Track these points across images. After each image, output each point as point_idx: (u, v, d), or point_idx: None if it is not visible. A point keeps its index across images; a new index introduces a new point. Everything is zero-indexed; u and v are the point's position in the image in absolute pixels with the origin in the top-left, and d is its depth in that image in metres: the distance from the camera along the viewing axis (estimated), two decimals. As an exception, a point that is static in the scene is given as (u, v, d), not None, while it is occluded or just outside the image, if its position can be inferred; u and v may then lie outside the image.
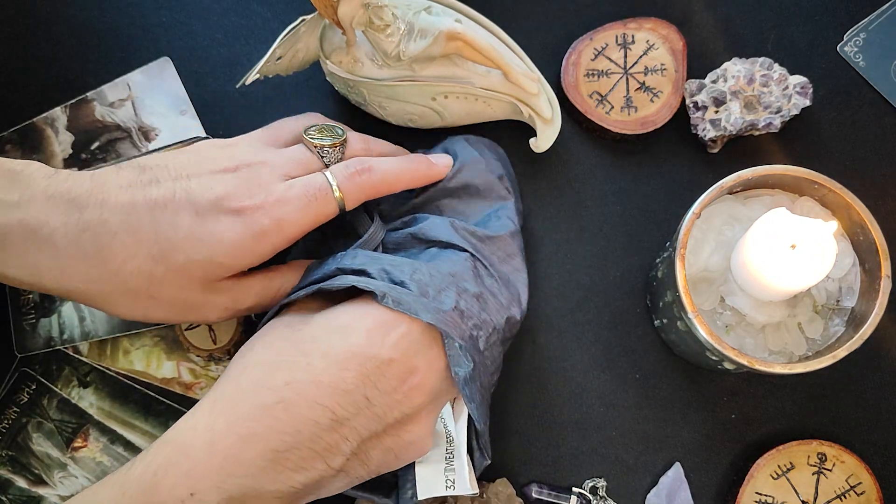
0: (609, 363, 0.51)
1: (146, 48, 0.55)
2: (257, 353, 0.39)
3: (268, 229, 0.40)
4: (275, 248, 0.41)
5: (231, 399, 0.36)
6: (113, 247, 0.38)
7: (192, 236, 0.38)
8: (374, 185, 0.43)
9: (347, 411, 0.37)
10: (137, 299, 0.39)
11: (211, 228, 0.39)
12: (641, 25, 0.53)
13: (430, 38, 0.47)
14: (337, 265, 0.42)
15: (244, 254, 0.40)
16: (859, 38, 0.54)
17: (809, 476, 0.48)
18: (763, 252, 0.41)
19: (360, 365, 0.37)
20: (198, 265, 0.39)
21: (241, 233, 0.39)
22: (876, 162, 0.53)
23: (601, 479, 0.50)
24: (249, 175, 0.41)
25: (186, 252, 0.38)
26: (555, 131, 0.51)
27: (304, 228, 0.42)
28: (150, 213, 0.38)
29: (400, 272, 0.41)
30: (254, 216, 0.40)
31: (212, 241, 0.39)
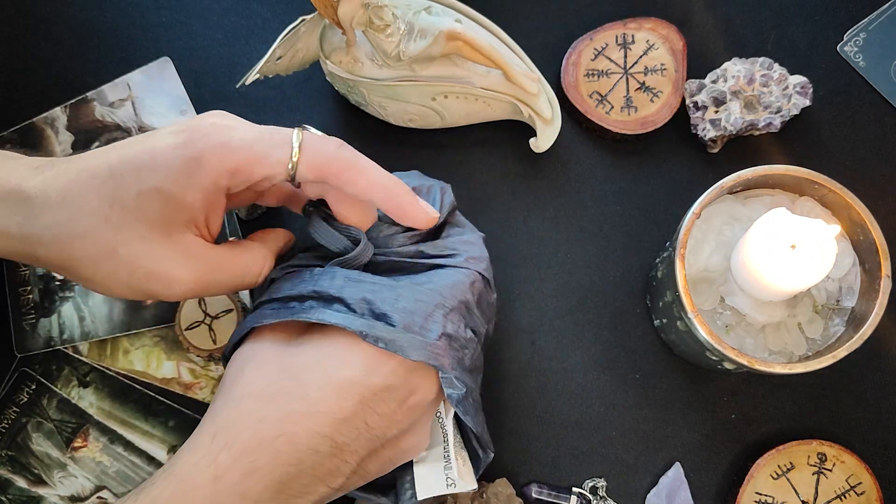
0: (609, 363, 0.51)
1: (146, 48, 0.55)
2: (251, 382, 0.37)
3: (204, 151, 0.37)
4: (216, 179, 0.38)
5: (231, 432, 0.36)
6: (72, 188, 0.37)
7: (135, 164, 0.37)
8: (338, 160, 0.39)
9: (347, 437, 0.36)
10: (97, 253, 0.37)
11: (150, 150, 0.37)
12: (641, 25, 0.53)
13: (430, 38, 0.47)
14: (314, 286, 0.39)
15: (186, 178, 0.37)
16: (859, 37, 0.54)
17: (809, 476, 0.48)
18: (763, 252, 0.41)
19: (358, 394, 0.37)
20: (147, 200, 0.37)
21: (175, 153, 0.37)
22: (876, 162, 0.53)
23: (601, 478, 0.50)
24: (221, 113, 0.40)
25: (133, 185, 0.37)
26: (555, 131, 0.51)
27: (246, 162, 0.38)
28: (107, 153, 0.38)
29: (382, 302, 0.38)
30: (192, 135, 0.37)
31: (151, 166, 0.37)
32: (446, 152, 0.53)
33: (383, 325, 0.38)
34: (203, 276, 0.39)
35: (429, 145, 0.53)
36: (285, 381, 0.37)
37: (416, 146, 0.53)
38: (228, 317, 0.51)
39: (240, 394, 0.37)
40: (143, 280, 0.38)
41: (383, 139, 0.53)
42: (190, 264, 0.39)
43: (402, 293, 0.39)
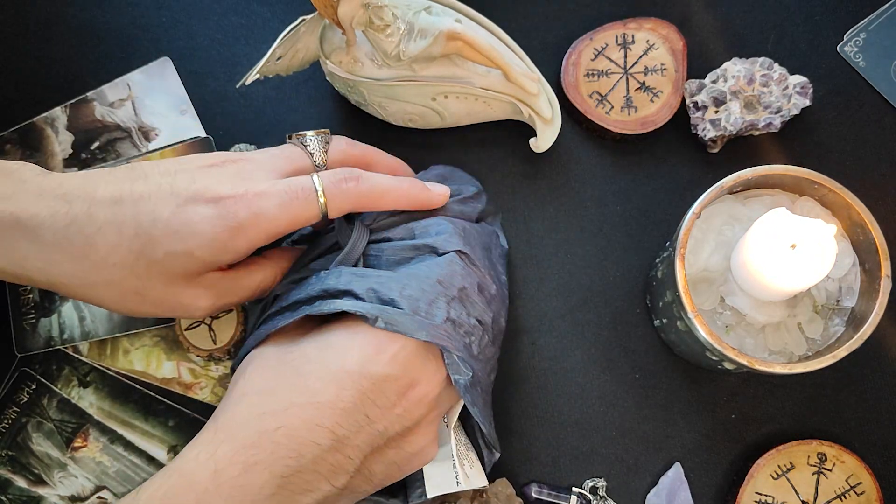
0: (609, 363, 0.51)
1: (146, 48, 0.55)
2: (253, 380, 0.38)
3: (244, 222, 0.39)
4: (251, 245, 0.40)
5: (232, 427, 0.36)
6: (96, 240, 0.37)
7: (170, 228, 0.38)
8: (360, 195, 0.42)
9: (348, 430, 0.37)
10: (123, 293, 0.39)
11: (187, 219, 0.38)
12: (641, 25, 0.53)
13: (430, 38, 0.47)
14: (322, 286, 0.40)
15: (220, 247, 0.39)
16: (859, 38, 0.54)
17: (809, 476, 0.48)
18: (763, 252, 0.41)
19: (356, 383, 0.37)
20: (176, 259, 0.38)
21: (216, 224, 0.38)
22: (876, 162, 0.53)
23: (601, 478, 0.50)
24: (234, 169, 0.41)
25: (164, 246, 0.38)
26: (555, 131, 0.51)
27: (282, 227, 0.40)
28: (134, 207, 0.38)
29: (388, 290, 0.39)
30: (231, 207, 0.39)
31: (187, 234, 0.38)
32: (446, 152, 0.53)
33: (392, 308, 0.39)
34: (220, 299, 0.42)
35: (429, 145, 0.53)
36: (286, 374, 0.38)
37: (416, 146, 0.53)
38: (228, 317, 0.51)
39: (241, 392, 0.38)
40: (166, 311, 0.41)
41: (383, 139, 0.53)
42: (209, 294, 0.41)
43: (408, 283, 0.40)
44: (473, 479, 0.43)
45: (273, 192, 0.40)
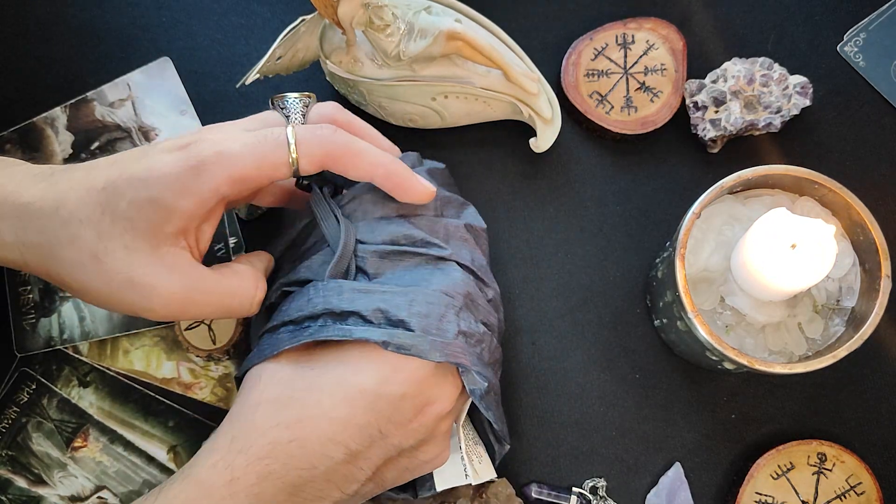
0: (609, 363, 0.51)
1: (146, 48, 0.55)
2: (267, 390, 0.38)
3: (206, 159, 0.37)
4: (216, 187, 0.37)
5: (247, 437, 0.36)
6: (68, 196, 0.37)
7: (134, 176, 0.37)
8: (335, 145, 0.39)
9: (361, 445, 0.37)
10: (82, 256, 0.37)
11: (151, 165, 0.37)
12: (641, 25, 0.53)
13: (429, 37, 0.47)
14: (325, 304, 0.39)
15: (182, 188, 0.37)
16: (859, 38, 0.54)
17: (809, 476, 0.48)
18: (763, 252, 0.41)
19: (372, 402, 0.37)
20: (140, 210, 0.37)
21: (179, 163, 0.37)
22: (876, 162, 0.53)
23: (601, 478, 0.50)
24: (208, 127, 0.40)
25: (128, 195, 0.37)
26: (555, 131, 0.51)
27: (248, 170, 0.38)
28: (107, 167, 0.38)
29: (397, 309, 0.38)
30: (194, 147, 0.37)
31: (151, 179, 0.37)
32: (446, 152, 0.53)
33: (402, 331, 0.38)
34: (185, 292, 0.38)
35: (429, 145, 0.53)
36: (299, 388, 0.37)
37: (416, 146, 0.53)
38: (228, 317, 0.51)
39: (256, 400, 0.38)
40: (121, 288, 0.37)
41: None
42: (172, 278, 0.38)
43: (414, 297, 0.39)
44: (482, 472, 0.44)
45: (241, 137, 0.38)
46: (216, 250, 0.52)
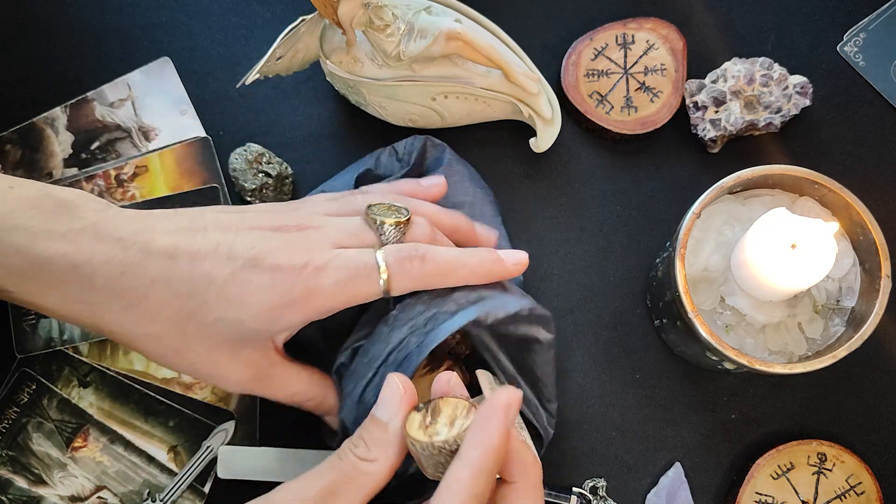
0: (609, 363, 0.51)
1: (146, 48, 0.55)
2: None
3: (298, 298, 0.38)
4: (305, 320, 0.39)
5: None
6: (148, 292, 0.37)
7: (223, 294, 0.37)
8: (426, 276, 0.40)
9: None
10: (164, 348, 0.38)
11: (241, 287, 0.37)
12: (641, 25, 0.53)
13: (429, 37, 0.47)
14: (407, 328, 0.40)
15: (271, 320, 0.38)
16: (859, 37, 0.54)
17: (809, 476, 0.48)
18: (763, 252, 0.41)
19: None
20: (226, 326, 0.38)
21: (271, 297, 0.37)
22: (876, 162, 0.53)
23: (601, 479, 0.50)
24: (296, 237, 0.39)
25: (216, 311, 0.37)
26: (555, 131, 0.51)
27: (338, 304, 0.39)
28: (189, 265, 0.37)
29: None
30: (288, 281, 0.38)
31: (240, 302, 0.37)
32: (446, 152, 0.53)
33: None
34: (254, 382, 0.40)
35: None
36: None
37: (416, 146, 0.53)
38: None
39: None
40: (200, 374, 0.40)
41: (383, 139, 0.53)
42: (246, 372, 0.40)
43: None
44: None
45: (332, 268, 0.38)
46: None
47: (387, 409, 0.35)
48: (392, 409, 0.35)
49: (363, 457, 0.35)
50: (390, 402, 0.35)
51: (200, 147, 0.53)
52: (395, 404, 0.35)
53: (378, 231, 0.41)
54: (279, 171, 0.52)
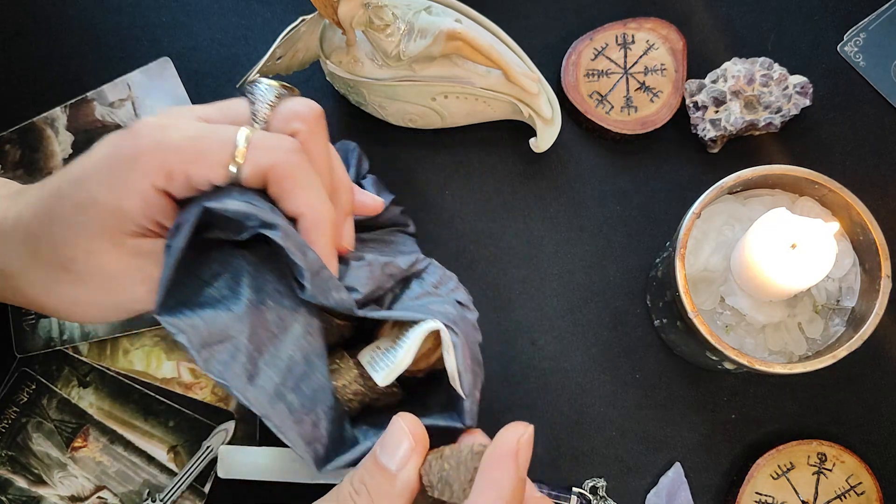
0: (609, 363, 0.51)
1: (146, 48, 0.55)
2: None
3: (143, 151, 0.33)
4: (153, 185, 0.34)
5: None
6: (25, 213, 0.36)
7: (72, 175, 0.35)
8: (285, 170, 0.35)
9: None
10: (50, 274, 0.35)
11: (86, 158, 0.35)
12: (641, 25, 0.53)
13: (429, 37, 0.47)
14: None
15: (118, 185, 0.34)
16: (859, 38, 0.54)
17: (809, 476, 0.48)
18: (763, 252, 0.41)
19: None
20: (83, 210, 0.34)
21: (112, 155, 0.34)
22: (876, 162, 0.53)
23: (601, 478, 0.50)
24: (162, 112, 0.36)
25: (71, 196, 0.34)
26: (555, 131, 0.51)
27: (186, 165, 0.34)
28: (61, 171, 0.36)
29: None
30: (134, 135, 0.34)
31: (84, 174, 0.34)
32: (446, 152, 0.53)
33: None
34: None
35: (429, 145, 0.53)
36: None
37: (416, 146, 0.53)
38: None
39: None
40: (101, 291, 0.35)
41: (383, 139, 0.53)
42: (148, 265, 0.35)
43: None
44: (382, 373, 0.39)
45: (186, 125, 0.35)
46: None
47: (394, 458, 0.32)
48: (401, 459, 0.32)
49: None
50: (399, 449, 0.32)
51: (200, 147, 0.53)
52: (406, 454, 0.32)
53: (249, 92, 0.37)
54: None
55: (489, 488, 0.31)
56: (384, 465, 0.32)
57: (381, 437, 0.33)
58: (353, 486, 0.33)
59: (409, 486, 0.32)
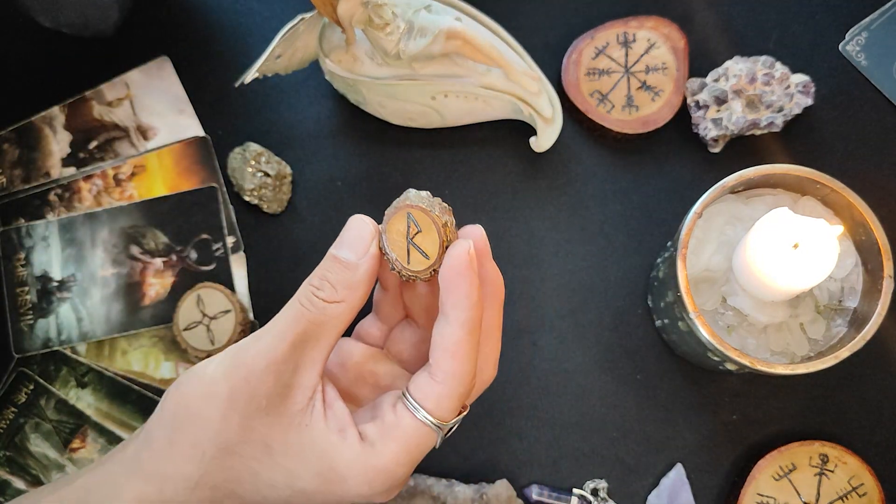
0: (610, 364, 0.51)
1: (145, 47, 0.55)
2: None
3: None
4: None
5: None
6: None
7: None
8: None
9: None
10: None
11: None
12: (643, 24, 0.53)
13: (429, 36, 0.46)
14: None
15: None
16: (861, 36, 0.54)
17: (811, 477, 0.48)
18: (765, 252, 0.41)
19: None
20: None
21: None
22: (878, 161, 0.53)
23: (602, 480, 0.49)
24: None
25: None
26: (556, 130, 0.50)
27: None
28: None
29: None
30: None
31: None
32: (446, 152, 0.53)
33: None
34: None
35: (428, 145, 0.53)
36: None
37: (416, 145, 0.53)
38: (227, 317, 0.50)
39: None
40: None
41: (382, 138, 0.53)
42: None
43: None
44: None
45: None
46: (214, 251, 0.52)
47: (354, 250, 0.33)
48: (360, 250, 0.33)
49: (330, 299, 0.33)
50: (358, 242, 0.33)
51: (199, 146, 0.53)
52: (364, 245, 0.33)
53: None
54: (278, 171, 0.52)
55: (454, 309, 0.32)
56: (344, 259, 0.33)
57: (338, 238, 0.34)
58: (312, 284, 0.33)
59: (371, 271, 0.33)
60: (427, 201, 0.33)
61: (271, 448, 0.33)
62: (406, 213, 0.33)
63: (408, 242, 0.33)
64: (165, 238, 0.52)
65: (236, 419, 0.32)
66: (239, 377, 0.32)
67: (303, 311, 0.33)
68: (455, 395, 0.33)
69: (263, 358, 0.32)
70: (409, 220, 0.33)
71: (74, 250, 0.52)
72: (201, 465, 0.32)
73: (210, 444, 0.32)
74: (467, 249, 0.32)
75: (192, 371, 0.33)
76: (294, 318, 0.33)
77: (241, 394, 0.32)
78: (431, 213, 0.33)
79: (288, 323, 0.33)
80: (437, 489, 0.48)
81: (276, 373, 0.32)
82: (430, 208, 0.33)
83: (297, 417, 0.33)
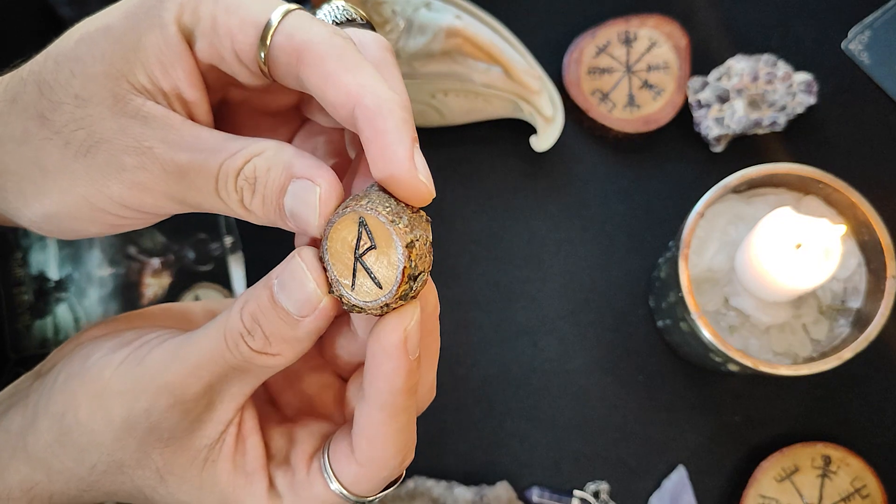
0: (611, 365, 0.51)
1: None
2: None
3: None
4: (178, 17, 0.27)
5: None
6: None
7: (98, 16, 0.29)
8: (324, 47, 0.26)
9: None
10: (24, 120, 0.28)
11: None
12: (644, 22, 0.53)
13: (429, 34, 0.46)
14: None
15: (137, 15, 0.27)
16: (864, 35, 0.54)
17: (814, 479, 0.48)
18: (768, 252, 0.40)
19: None
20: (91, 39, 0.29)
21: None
22: (882, 160, 0.52)
23: (604, 481, 0.49)
24: None
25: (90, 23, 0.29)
26: (557, 130, 0.50)
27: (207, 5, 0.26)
28: None
29: None
30: None
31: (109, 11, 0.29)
32: (446, 151, 0.53)
33: None
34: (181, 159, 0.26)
35: (428, 144, 0.53)
36: None
37: (416, 145, 0.53)
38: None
39: None
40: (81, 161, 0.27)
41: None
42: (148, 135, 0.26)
43: None
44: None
45: None
46: (212, 250, 0.52)
47: (295, 302, 0.25)
48: (304, 305, 0.25)
49: (261, 351, 0.26)
50: (300, 291, 0.25)
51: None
52: (311, 301, 0.25)
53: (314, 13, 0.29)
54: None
55: (381, 381, 0.26)
56: (288, 310, 0.25)
57: (279, 268, 0.26)
58: (244, 323, 0.26)
59: (317, 331, 0.26)
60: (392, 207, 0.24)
61: (166, 481, 0.28)
62: (358, 219, 0.24)
63: (355, 260, 0.24)
64: (163, 237, 0.52)
65: (133, 445, 0.27)
66: (139, 408, 0.26)
67: (225, 354, 0.26)
68: (376, 478, 0.27)
69: (170, 395, 0.26)
70: (362, 228, 0.24)
71: (71, 250, 0.52)
72: (92, 474, 0.28)
73: (100, 460, 0.28)
74: (404, 327, 0.25)
75: (86, 365, 0.28)
76: (214, 356, 0.26)
77: (139, 425, 0.27)
78: (395, 224, 0.23)
79: (206, 357, 0.26)
80: (437, 491, 0.48)
81: (184, 411, 0.27)
82: (392, 218, 0.23)
83: (202, 452, 0.28)
